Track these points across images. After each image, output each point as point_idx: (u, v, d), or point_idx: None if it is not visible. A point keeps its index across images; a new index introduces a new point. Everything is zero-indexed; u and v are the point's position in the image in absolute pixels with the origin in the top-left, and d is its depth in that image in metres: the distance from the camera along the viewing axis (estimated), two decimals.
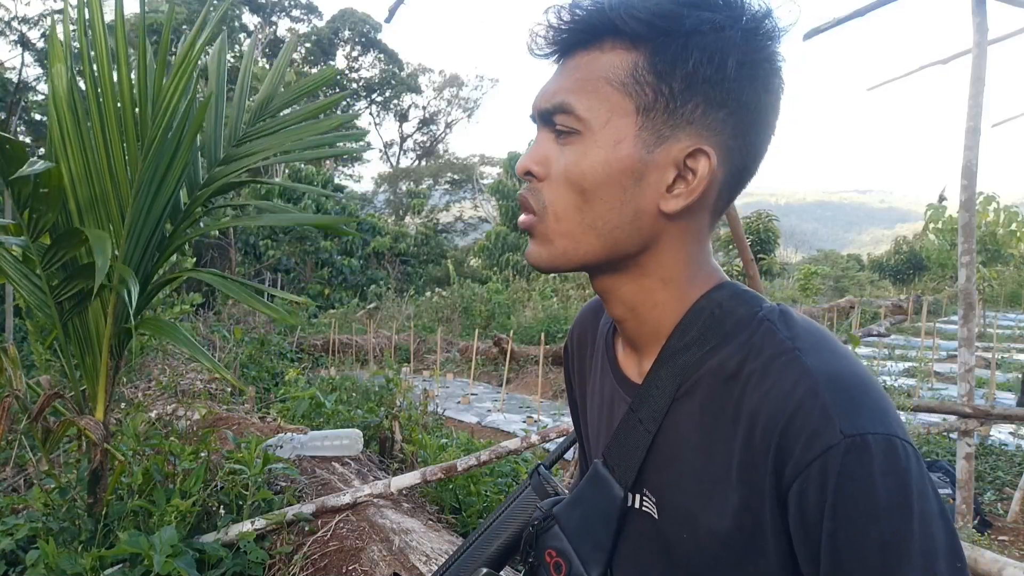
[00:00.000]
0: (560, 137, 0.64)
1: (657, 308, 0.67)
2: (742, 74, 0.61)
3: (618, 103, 0.62)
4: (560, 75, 0.65)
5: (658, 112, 0.61)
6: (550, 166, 0.65)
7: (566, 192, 0.64)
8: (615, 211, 0.63)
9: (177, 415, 3.76)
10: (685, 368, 0.64)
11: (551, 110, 0.64)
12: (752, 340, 0.62)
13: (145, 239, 2.23)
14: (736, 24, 0.60)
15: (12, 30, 18.47)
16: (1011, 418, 4.51)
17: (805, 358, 0.58)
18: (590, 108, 0.62)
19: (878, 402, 0.56)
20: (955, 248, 11.09)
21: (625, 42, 0.62)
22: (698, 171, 0.62)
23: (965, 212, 3.72)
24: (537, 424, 7.55)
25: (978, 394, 6.74)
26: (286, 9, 38.50)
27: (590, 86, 0.63)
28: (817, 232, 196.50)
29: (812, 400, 0.55)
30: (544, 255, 0.67)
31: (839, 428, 0.53)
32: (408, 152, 47.22)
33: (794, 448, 0.54)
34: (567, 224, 0.65)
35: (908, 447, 0.54)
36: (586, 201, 0.63)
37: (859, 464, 0.52)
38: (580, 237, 0.65)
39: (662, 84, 0.61)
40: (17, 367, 2.30)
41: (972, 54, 3.75)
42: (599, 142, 0.62)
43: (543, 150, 0.66)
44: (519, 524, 0.76)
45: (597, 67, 0.63)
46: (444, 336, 14.24)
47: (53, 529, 2.23)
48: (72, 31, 2.06)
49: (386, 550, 2.35)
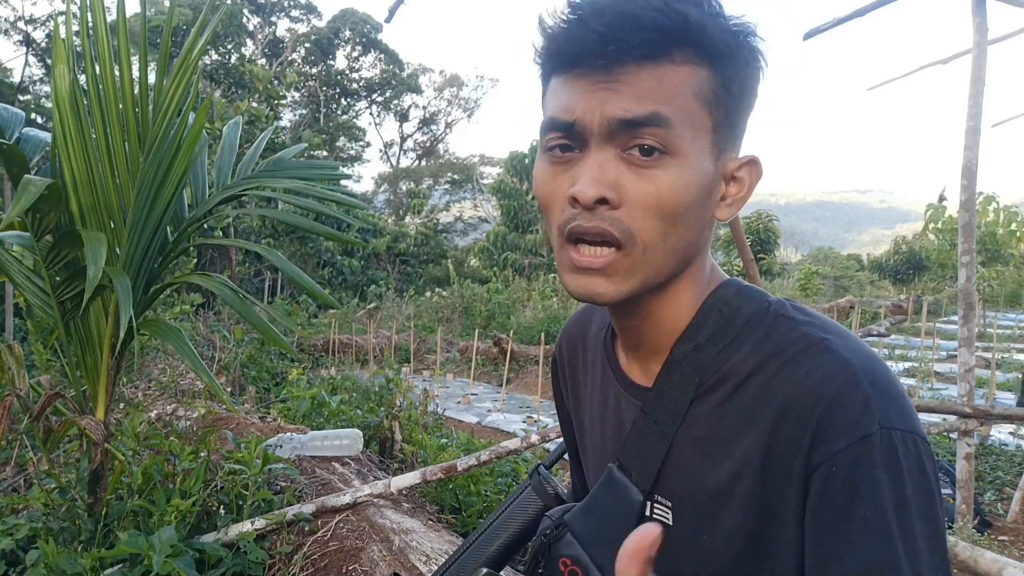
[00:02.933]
0: (641, 156, 0.58)
1: (677, 307, 0.67)
2: (759, 87, 0.64)
3: (700, 120, 0.59)
4: (629, 85, 0.57)
5: (724, 129, 0.61)
6: (624, 191, 0.58)
7: (656, 219, 0.58)
8: (694, 230, 0.62)
9: (177, 415, 3.76)
10: (701, 368, 0.64)
11: (638, 120, 0.57)
12: (770, 336, 0.62)
13: (146, 240, 2.23)
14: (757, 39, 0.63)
15: (17, 30, 18.48)
16: (1011, 418, 4.51)
17: (839, 349, 0.59)
18: (682, 123, 0.58)
19: (907, 402, 0.58)
20: (955, 248, 11.09)
21: (696, 57, 0.58)
22: (747, 179, 0.64)
23: (965, 212, 3.72)
24: (537, 424, 7.54)
25: (978, 394, 6.75)
26: (286, 9, 38.50)
27: (680, 100, 0.58)
28: (817, 232, 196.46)
29: (854, 388, 0.56)
30: (624, 291, 0.61)
31: (878, 419, 0.55)
32: (408, 152, 47.23)
33: (830, 431, 0.55)
34: (653, 253, 0.60)
35: (928, 446, 0.57)
36: (675, 226, 0.59)
37: (893, 457, 0.54)
38: (661, 264, 0.61)
39: (731, 102, 0.61)
40: (20, 366, 2.30)
41: (972, 54, 3.75)
42: (691, 162, 0.59)
43: (613, 172, 0.58)
44: (519, 524, 0.76)
45: (680, 80, 0.58)
46: (444, 336, 14.24)
47: (53, 529, 2.24)
48: (75, 31, 2.06)
49: (386, 550, 2.35)
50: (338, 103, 40.70)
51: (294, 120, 34.72)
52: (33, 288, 2.23)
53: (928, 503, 0.55)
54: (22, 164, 1.97)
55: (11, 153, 1.96)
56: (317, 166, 2.70)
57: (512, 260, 23.37)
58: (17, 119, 2.22)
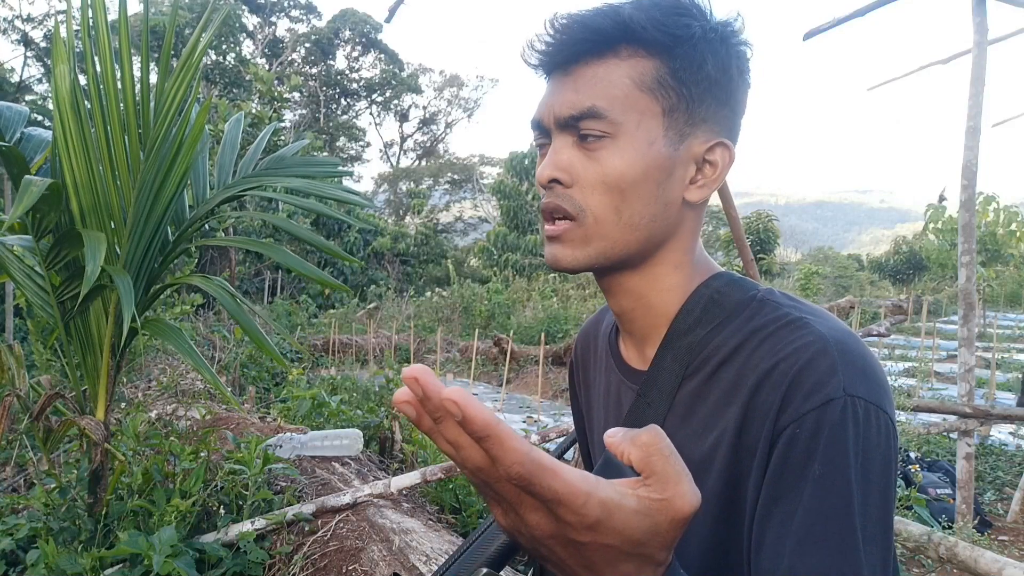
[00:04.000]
0: (585, 142, 0.66)
1: (664, 293, 0.71)
2: (738, 75, 0.69)
3: (647, 106, 0.66)
4: (576, 83, 0.67)
5: (680, 113, 0.67)
6: (576, 172, 0.67)
7: (603, 194, 0.66)
8: (650, 206, 0.67)
9: (177, 415, 3.76)
10: (691, 348, 0.68)
11: (578, 115, 0.66)
12: (755, 317, 0.66)
13: (147, 240, 2.23)
14: (728, 29, 0.67)
15: (15, 29, 18.47)
16: (1011, 418, 4.51)
17: (815, 324, 0.62)
18: (623, 112, 0.65)
19: (879, 378, 0.60)
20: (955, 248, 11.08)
21: (641, 50, 0.66)
22: (718, 162, 0.69)
23: (965, 212, 3.73)
24: (537, 424, 7.54)
25: (978, 394, 6.75)
26: (286, 9, 38.50)
27: (617, 91, 0.65)
28: (817, 232, 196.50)
29: (823, 357, 0.58)
30: (580, 256, 0.69)
31: (843, 386, 0.57)
32: (408, 152, 47.24)
33: (796, 395, 0.58)
34: (606, 225, 0.67)
35: (893, 426, 0.58)
36: (624, 200, 0.66)
37: (855, 424, 0.56)
38: (618, 236, 0.68)
39: (683, 88, 0.66)
40: (21, 366, 2.30)
41: (972, 54, 3.75)
42: (634, 143, 0.66)
43: (565, 157, 0.67)
44: None
45: (620, 73, 0.65)
46: (444, 336, 14.25)
47: (53, 529, 2.24)
48: (76, 31, 2.06)
49: (386, 550, 2.35)
50: (338, 103, 40.70)
51: (294, 120, 34.72)
52: (33, 288, 2.23)
53: (886, 477, 0.56)
54: (22, 164, 1.97)
55: (11, 154, 1.96)
56: (318, 163, 2.69)
57: (512, 260, 23.37)
58: (20, 117, 2.22)
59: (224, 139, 2.58)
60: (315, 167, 2.59)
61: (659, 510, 0.39)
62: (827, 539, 0.53)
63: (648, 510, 0.39)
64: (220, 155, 2.51)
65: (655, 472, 0.39)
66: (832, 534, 0.53)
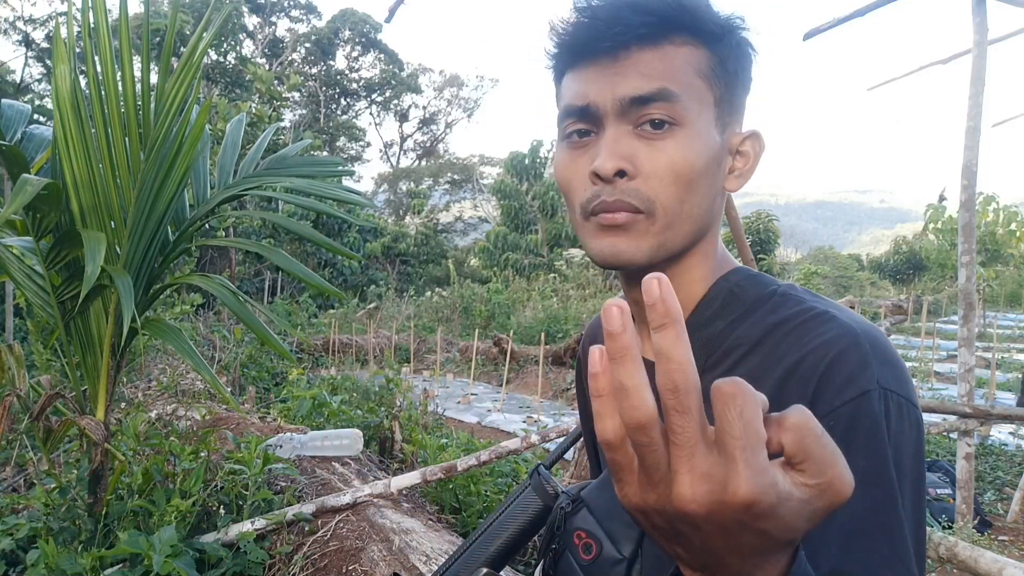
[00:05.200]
0: (648, 129, 0.63)
1: (693, 284, 0.70)
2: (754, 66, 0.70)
3: (704, 95, 0.65)
4: (636, 67, 0.63)
5: (725, 103, 0.67)
6: (639, 162, 0.64)
7: (671, 185, 0.64)
8: (708, 197, 0.67)
9: (177, 415, 3.76)
10: (710, 341, 0.67)
11: (647, 96, 0.62)
12: (778, 311, 0.65)
13: (147, 240, 2.23)
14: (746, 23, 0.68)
15: (16, 30, 18.47)
16: (1011, 418, 4.51)
17: (842, 317, 0.62)
18: (689, 98, 0.64)
19: (905, 372, 0.61)
20: (955, 248, 11.08)
21: (694, 39, 0.65)
22: (752, 152, 0.69)
23: (965, 212, 3.72)
24: (537, 424, 7.55)
25: (978, 394, 6.75)
26: (285, 9, 38.49)
27: (683, 77, 0.64)
28: (817, 232, 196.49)
29: (855, 349, 0.58)
30: (645, 249, 0.65)
31: (877, 379, 0.57)
32: (408, 152, 47.25)
33: (830, 388, 0.57)
34: (672, 216, 0.65)
35: (922, 423, 0.59)
36: (690, 191, 0.65)
37: (890, 417, 0.56)
38: (679, 227, 0.66)
39: (730, 77, 0.66)
40: (21, 366, 2.30)
41: (972, 54, 3.75)
42: (700, 132, 0.64)
43: (628, 146, 0.64)
44: (519, 524, 0.76)
45: (680, 60, 0.64)
46: (444, 336, 14.24)
47: (53, 529, 2.24)
48: (76, 31, 2.06)
49: (386, 550, 2.35)
50: (338, 103, 40.70)
51: (294, 120, 34.71)
52: (33, 288, 2.23)
53: (918, 471, 0.57)
54: (22, 164, 1.97)
55: (11, 153, 1.96)
56: (320, 162, 2.69)
57: (512, 260, 23.36)
58: (22, 116, 2.22)
59: (225, 139, 2.58)
60: (316, 167, 2.59)
61: (819, 495, 0.37)
62: (875, 534, 0.53)
63: (810, 497, 0.37)
64: (221, 155, 2.51)
65: (811, 456, 0.36)
66: (880, 529, 0.53)
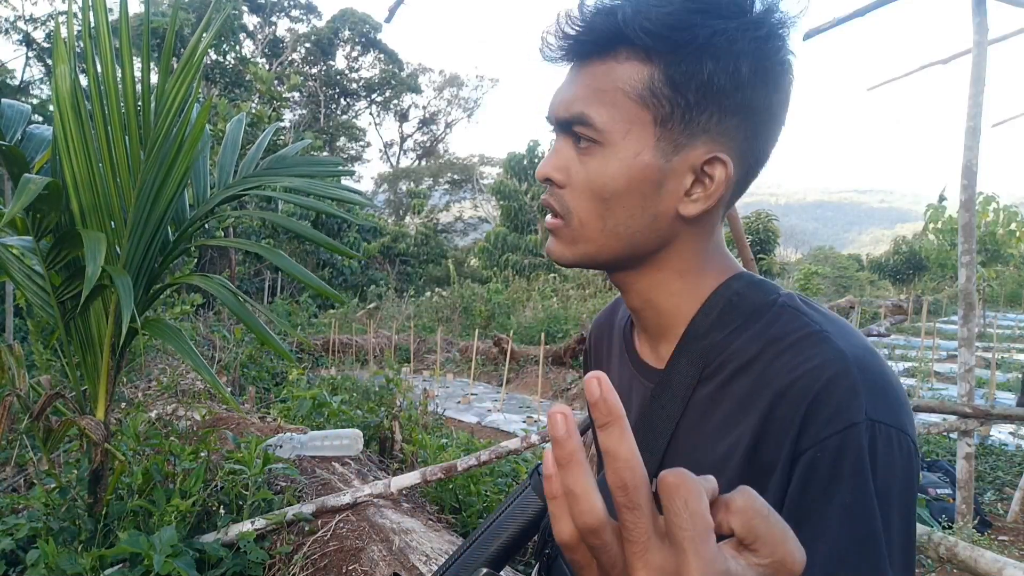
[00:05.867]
0: (580, 144, 0.65)
1: (673, 297, 0.70)
2: (755, 80, 0.62)
3: (636, 115, 0.63)
4: (575, 83, 0.66)
5: (675, 122, 0.63)
6: (570, 173, 0.66)
7: (588, 200, 0.66)
8: (636, 217, 0.66)
9: (177, 415, 3.76)
10: (706, 352, 0.66)
11: (570, 120, 0.65)
12: (775, 324, 0.63)
13: (147, 240, 2.23)
14: (747, 31, 0.61)
15: (17, 30, 18.47)
16: (1011, 418, 4.51)
17: (836, 340, 0.59)
18: (610, 119, 0.63)
19: (899, 397, 0.58)
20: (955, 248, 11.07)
21: (639, 53, 0.62)
22: (715, 177, 0.64)
23: (965, 212, 3.73)
24: (537, 424, 7.55)
25: (978, 394, 6.75)
26: (286, 9, 38.50)
27: (607, 98, 0.63)
28: (817, 232, 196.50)
29: (844, 378, 0.56)
30: (568, 255, 0.70)
31: (865, 410, 0.55)
32: (408, 152, 47.26)
33: (817, 419, 0.56)
34: (590, 230, 0.67)
35: (915, 447, 0.57)
36: (608, 209, 0.65)
37: (877, 450, 0.55)
38: (602, 242, 0.67)
39: (678, 96, 0.62)
40: (21, 366, 2.30)
41: (972, 54, 3.75)
42: (619, 153, 0.64)
43: (563, 157, 0.67)
44: (519, 524, 0.76)
45: (613, 78, 0.63)
46: (444, 336, 14.25)
47: (53, 529, 2.24)
48: (77, 31, 2.06)
49: (386, 550, 2.35)
50: (338, 103, 40.70)
51: (294, 120, 34.72)
52: (34, 288, 2.23)
53: (907, 502, 0.55)
54: (22, 164, 1.97)
55: (11, 153, 1.96)
56: (320, 162, 2.69)
57: (512, 260, 23.36)
58: (22, 116, 2.22)
59: (225, 139, 2.58)
60: (316, 167, 2.59)
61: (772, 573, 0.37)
62: (857, 569, 0.53)
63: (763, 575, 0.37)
64: (221, 155, 2.51)
65: (759, 536, 0.36)
66: (863, 564, 0.53)
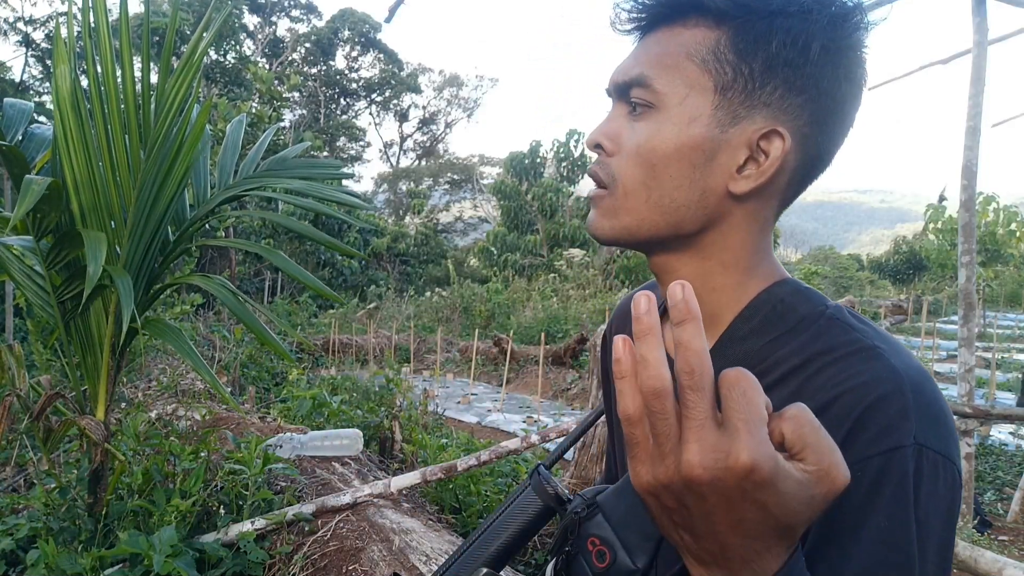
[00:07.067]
0: (634, 111, 0.64)
1: (715, 293, 0.66)
2: (825, 60, 0.60)
3: (696, 79, 0.61)
4: (640, 49, 0.65)
5: (736, 92, 0.61)
6: (621, 141, 0.65)
7: (635, 167, 0.63)
8: (683, 189, 0.63)
9: (177, 415, 3.76)
10: (745, 357, 0.63)
11: (628, 83, 0.64)
12: (822, 337, 0.60)
13: (148, 240, 2.23)
14: (824, 9, 0.59)
15: (16, 31, 18.47)
16: (1011, 418, 4.51)
17: (890, 358, 0.57)
18: (669, 83, 0.62)
19: (950, 426, 0.56)
20: (955, 248, 11.07)
21: (709, 19, 0.61)
22: (771, 153, 0.61)
23: (965, 212, 3.73)
24: (537, 424, 7.55)
25: (978, 394, 6.75)
26: (286, 9, 38.50)
27: (670, 60, 0.62)
28: (817, 232, 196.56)
29: (897, 397, 0.54)
30: (607, 228, 0.66)
31: (914, 434, 0.53)
32: (408, 152, 47.25)
33: (863, 436, 0.53)
34: (634, 200, 0.64)
35: (960, 480, 0.55)
36: (655, 177, 0.63)
37: (922, 476, 0.53)
38: (645, 214, 0.64)
39: (742, 64, 0.60)
40: (21, 366, 2.30)
41: (972, 54, 3.75)
42: (674, 118, 0.62)
43: (616, 124, 0.65)
44: (519, 524, 0.76)
45: (679, 42, 0.62)
46: (444, 336, 14.25)
47: (53, 529, 2.24)
48: (76, 31, 2.06)
49: (386, 550, 2.35)
50: (338, 103, 40.71)
51: (294, 120, 34.73)
52: (34, 288, 2.23)
53: (947, 535, 0.53)
54: (22, 164, 1.97)
55: (12, 153, 1.96)
56: (320, 165, 2.69)
57: (512, 260, 23.36)
58: (23, 115, 2.22)
59: (225, 140, 2.58)
60: (316, 169, 2.59)
61: (817, 481, 0.38)
62: None
63: (808, 481, 0.38)
64: (221, 156, 2.51)
65: (808, 444, 0.37)
66: None
